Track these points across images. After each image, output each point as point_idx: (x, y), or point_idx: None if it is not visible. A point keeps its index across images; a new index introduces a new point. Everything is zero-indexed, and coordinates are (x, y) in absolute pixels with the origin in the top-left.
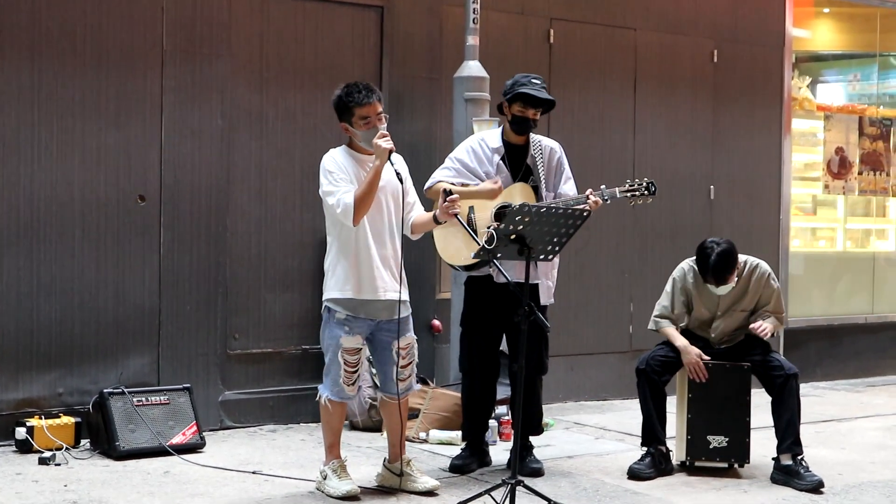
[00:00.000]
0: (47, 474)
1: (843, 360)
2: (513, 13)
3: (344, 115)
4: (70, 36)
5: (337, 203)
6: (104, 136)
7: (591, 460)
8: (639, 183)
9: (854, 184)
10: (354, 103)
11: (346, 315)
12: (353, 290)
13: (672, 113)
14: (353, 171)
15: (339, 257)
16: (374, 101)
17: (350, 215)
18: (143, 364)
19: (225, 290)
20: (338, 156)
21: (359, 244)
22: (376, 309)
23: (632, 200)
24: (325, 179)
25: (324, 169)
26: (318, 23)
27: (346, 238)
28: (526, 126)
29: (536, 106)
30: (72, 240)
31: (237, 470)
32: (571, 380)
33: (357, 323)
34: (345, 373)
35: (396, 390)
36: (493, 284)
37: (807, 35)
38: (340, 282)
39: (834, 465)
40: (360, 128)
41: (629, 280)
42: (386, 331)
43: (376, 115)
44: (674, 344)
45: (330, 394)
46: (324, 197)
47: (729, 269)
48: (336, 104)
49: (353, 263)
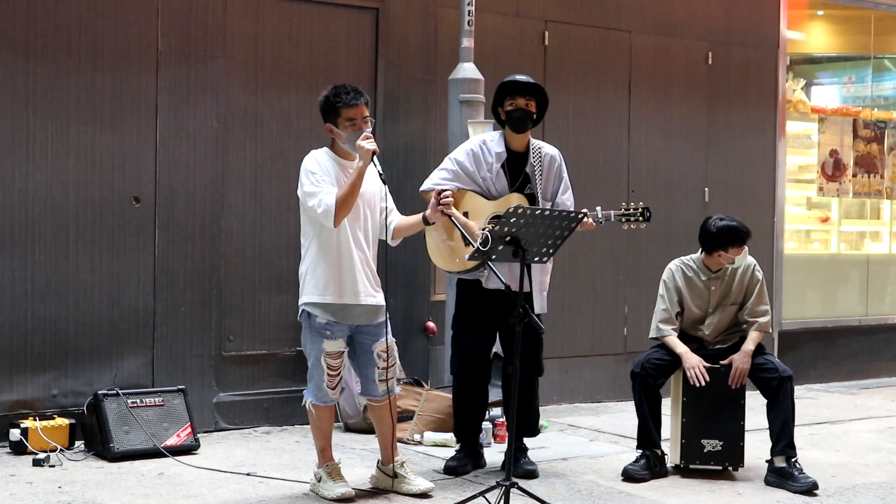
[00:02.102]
0: (41, 476)
1: (838, 362)
2: (508, 15)
3: (330, 116)
4: (65, 37)
5: (318, 203)
6: (99, 138)
7: (585, 462)
8: (634, 207)
9: (848, 186)
10: (342, 104)
11: (327, 320)
12: (333, 295)
13: (666, 115)
14: (335, 173)
15: (318, 260)
16: (361, 104)
17: (331, 216)
18: (137, 365)
19: (219, 292)
20: (320, 157)
21: (340, 247)
22: (356, 314)
23: (625, 224)
24: (306, 180)
25: (305, 170)
26: (313, 25)
27: (327, 240)
28: (522, 119)
29: (525, 94)
30: (66, 241)
31: (232, 472)
32: (566, 382)
33: (337, 327)
34: (328, 377)
35: (378, 392)
36: (483, 289)
37: (801, 37)
38: (321, 286)
39: (828, 468)
40: (345, 129)
41: (623, 282)
42: (365, 334)
43: (362, 118)
44: (674, 351)
45: (314, 399)
46: (304, 198)
47: (741, 236)
48: (322, 105)
49: (334, 266)
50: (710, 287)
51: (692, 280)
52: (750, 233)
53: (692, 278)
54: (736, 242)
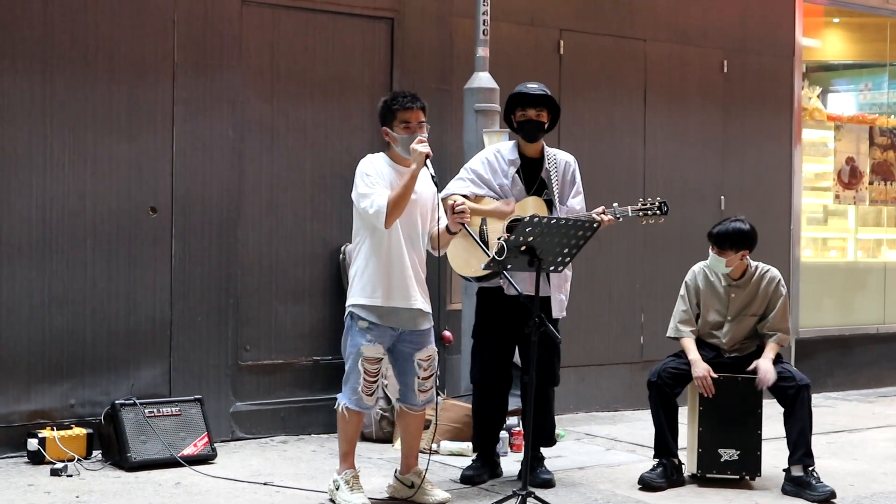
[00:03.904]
0: (59, 485)
1: (855, 371)
2: (523, 24)
3: (386, 119)
4: (82, 48)
5: (371, 204)
6: (116, 148)
7: (602, 471)
8: (651, 202)
9: (865, 194)
10: (398, 106)
11: (370, 323)
12: (382, 297)
13: (682, 123)
14: (390, 177)
15: (368, 262)
16: (417, 108)
17: (382, 217)
18: (154, 375)
19: (236, 302)
20: (376, 161)
21: (391, 249)
22: (403, 318)
23: (643, 219)
24: (360, 181)
25: (360, 172)
26: (329, 34)
27: (378, 242)
28: (532, 129)
29: (536, 105)
30: (83, 251)
31: (248, 481)
32: (582, 391)
33: (380, 331)
34: (364, 382)
35: (417, 401)
36: (504, 296)
37: (817, 45)
38: (369, 288)
39: (845, 476)
40: (399, 132)
41: (640, 291)
42: (408, 342)
43: (417, 123)
44: (687, 356)
45: (348, 402)
46: (357, 200)
47: (731, 241)
48: (381, 108)
49: (384, 268)
50: (730, 294)
51: (713, 285)
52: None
53: (714, 283)
54: (725, 245)
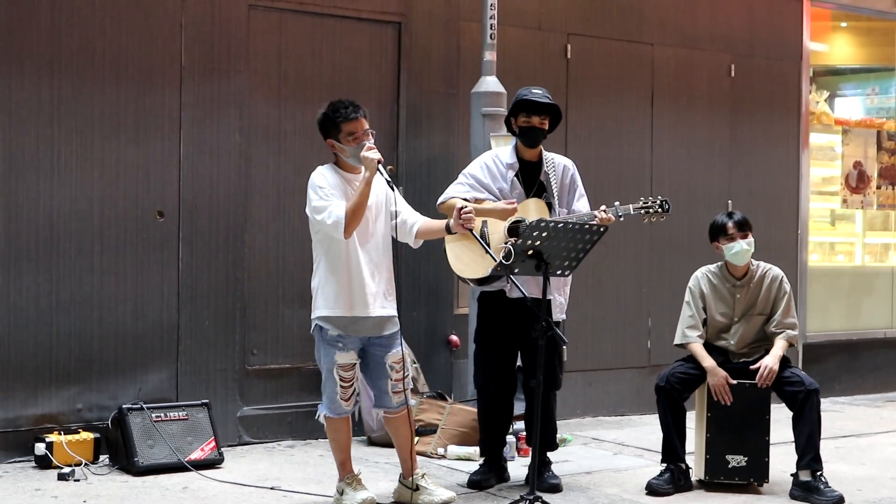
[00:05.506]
0: (66, 490)
1: (863, 375)
2: (530, 28)
3: (330, 132)
4: (89, 52)
5: (328, 215)
6: (123, 152)
7: (609, 476)
8: (653, 200)
9: (872, 198)
10: (341, 118)
11: (338, 333)
12: (343, 308)
13: (689, 127)
14: (342, 188)
15: (328, 274)
16: (361, 117)
17: (341, 227)
18: (161, 379)
19: (243, 306)
20: (326, 173)
21: (350, 260)
22: (367, 326)
23: (645, 217)
24: (314, 195)
25: (313, 185)
26: (336, 38)
27: (337, 254)
28: (534, 135)
29: (540, 113)
30: (90, 255)
31: (255, 486)
32: (589, 395)
33: (349, 339)
34: (340, 389)
35: (392, 404)
36: (507, 300)
37: (824, 49)
38: (331, 300)
39: (854, 481)
40: (347, 143)
41: (647, 295)
42: (377, 346)
43: (363, 131)
44: (701, 364)
45: (328, 411)
46: (312, 214)
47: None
48: (321, 122)
49: (344, 280)
50: (735, 294)
51: (717, 287)
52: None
53: (717, 286)
54: (746, 228)
